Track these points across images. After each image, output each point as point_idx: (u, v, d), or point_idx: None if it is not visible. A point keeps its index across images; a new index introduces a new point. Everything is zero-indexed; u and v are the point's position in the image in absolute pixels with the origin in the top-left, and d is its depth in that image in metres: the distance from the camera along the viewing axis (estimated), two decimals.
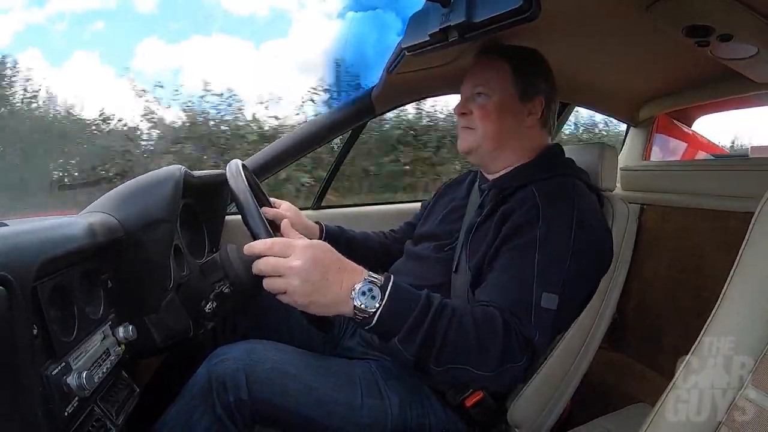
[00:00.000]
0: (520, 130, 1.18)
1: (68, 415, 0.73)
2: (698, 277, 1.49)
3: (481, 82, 1.17)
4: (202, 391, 0.99)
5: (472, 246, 1.11)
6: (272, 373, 1.02)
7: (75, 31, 5.16)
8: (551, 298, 0.96)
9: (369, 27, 1.14)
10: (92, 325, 0.86)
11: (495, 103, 1.15)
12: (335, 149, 2.14)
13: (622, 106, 1.87)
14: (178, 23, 6.00)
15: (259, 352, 1.05)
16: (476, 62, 1.22)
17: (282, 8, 6.57)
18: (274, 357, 1.05)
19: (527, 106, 1.17)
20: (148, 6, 6.67)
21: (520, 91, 1.16)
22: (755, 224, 0.68)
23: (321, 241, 0.88)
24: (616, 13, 1.07)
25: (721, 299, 0.69)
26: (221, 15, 6.01)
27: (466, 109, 1.18)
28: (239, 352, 1.03)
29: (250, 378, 0.99)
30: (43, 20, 5.38)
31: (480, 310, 0.93)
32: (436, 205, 1.40)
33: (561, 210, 1.02)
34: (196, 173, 1.22)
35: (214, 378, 0.99)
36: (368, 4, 1.30)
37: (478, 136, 1.17)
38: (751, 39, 1.02)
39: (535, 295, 0.95)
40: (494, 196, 1.14)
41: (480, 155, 1.20)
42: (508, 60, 1.17)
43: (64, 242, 0.78)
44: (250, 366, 1.01)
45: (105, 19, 5.43)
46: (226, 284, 1.08)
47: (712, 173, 1.54)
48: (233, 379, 0.98)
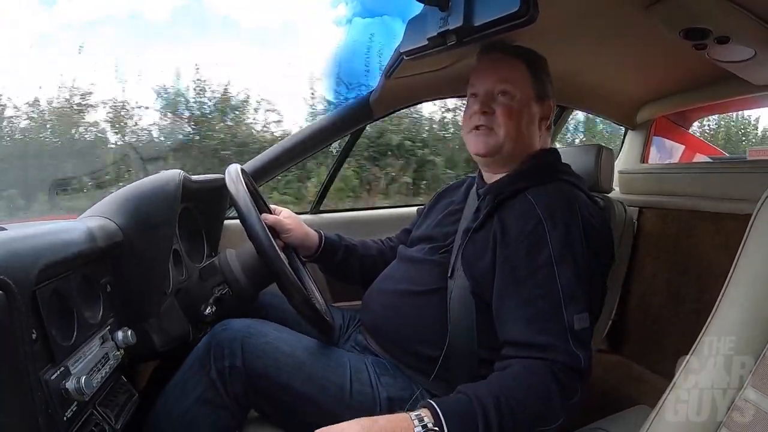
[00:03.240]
0: (533, 132, 1.15)
1: (67, 419, 0.73)
2: (697, 279, 1.49)
3: (504, 78, 1.12)
4: (201, 355, 1.03)
5: (467, 251, 1.09)
6: (267, 347, 1.04)
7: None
8: (583, 318, 0.94)
9: (376, 33, 1.15)
10: (91, 330, 0.86)
11: (519, 102, 1.11)
12: (334, 153, 2.15)
13: (619, 109, 1.88)
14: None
15: (258, 327, 1.08)
16: (491, 58, 1.17)
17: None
18: (271, 333, 1.08)
19: (543, 108, 1.15)
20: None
21: (537, 92, 1.13)
22: (753, 226, 0.68)
23: (355, 420, 0.83)
24: (614, 16, 1.07)
25: (720, 301, 0.69)
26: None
27: (489, 108, 1.12)
28: (240, 325, 1.07)
29: (246, 347, 1.02)
30: (52, 28, 5.42)
31: (521, 369, 0.91)
32: (432, 208, 1.39)
33: (566, 222, 1.00)
34: (195, 178, 1.22)
35: (213, 343, 1.03)
36: (375, 11, 1.31)
37: (500, 137, 1.12)
38: (748, 42, 1.03)
39: (568, 321, 0.92)
40: (490, 201, 1.11)
41: (500, 157, 1.15)
42: (523, 59, 1.14)
43: (63, 247, 0.78)
44: (248, 337, 1.04)
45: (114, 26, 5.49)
46: (225, 288, 1.08)
47: (710, 176, 1.55)
48: (230, 346, 1.02)
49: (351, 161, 3.99)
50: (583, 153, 1.29)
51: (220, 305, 1.08)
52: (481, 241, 1.08)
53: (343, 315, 1.39)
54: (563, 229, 0.98)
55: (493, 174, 1.20)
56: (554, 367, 0.89)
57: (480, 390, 0.86)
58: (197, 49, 5.38)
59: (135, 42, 5.70)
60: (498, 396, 0.84)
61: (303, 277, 1.28)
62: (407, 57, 1.13)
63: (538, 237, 0.98)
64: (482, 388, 0.87)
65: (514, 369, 0.91)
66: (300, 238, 1.33)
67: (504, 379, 0.90)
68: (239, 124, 4.47)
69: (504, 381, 0.89)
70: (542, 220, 1.00)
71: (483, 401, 0.83)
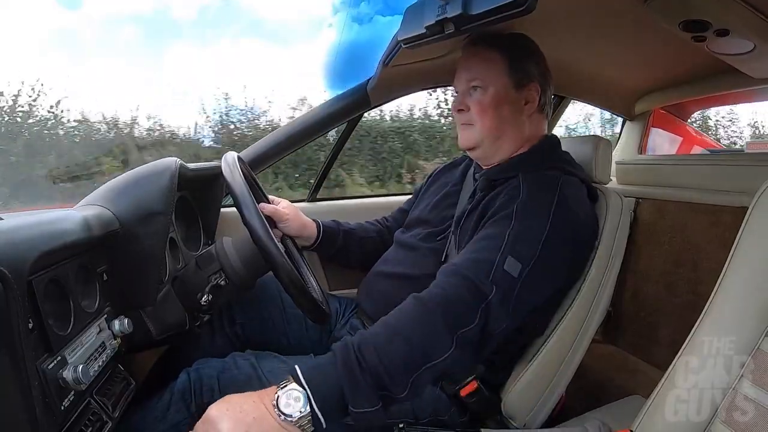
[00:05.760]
0: (518, 120, 1.16)
1: (65, 408, 0.73)
2: (693, 271, 1.50)
3: (475, 75, 1.15)
4: (182, 390, 1.03)
5: (460, 234, 1.12)
6: (242, 377, 1.04)
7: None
8: (514, 265, 0.92)
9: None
10: (88, 319, 0.85)
11: (491, 95, 1.13)
12: (331, 141, 2.14)
13: (618, 99, 1.88)
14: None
15: (238, 361, 1.08)
16: (466, 55, 1.19)
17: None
18: (250, 364, 1.08)
19: (523, 94, 1.15)
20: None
21: (515, 80, 1.14)
22: (749, 219, 0.68)
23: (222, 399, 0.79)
24: (614, 6, 1.07)
25: (714, 293, 0.70)
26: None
27: (464, 106, 1.16)
28: (217, 363, 1.07)
29: (222, 382, 1.03)
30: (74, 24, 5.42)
31: (411, 299, 0.90)
32: (428, 189, 1.40)
33: (541, 192, 1.01)
34: (191, 165, 1.22)
35: (193, 380, 1.03)
36: (397, 8, 1.29)
37: (477, 131, 1.15)
38: (747, 35, 1.02)
39: (500, 257, 0.93)
40: (483, 186, 1.14)
41: (482, 150, 1.18)
42: (499, 49, 1.14)
43: (59, 236, 0.78)
44: (222, 372, 1.05)
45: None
46: (221, 277, 1.08)
47: (708, 168, 1.55)
48: (209, 383, 1.03)
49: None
50: (580, 144, 1.29)
51: (216, 293, 1.08)
52: (470, 223, 1.10)
53: (339, 302, 1.41)
54: (534, 195, 1.01)
55: (486, 162, 1.22)
56: (450, 289, 0.88)
57: (347, 339, 0.85)
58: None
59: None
60: (366, 339, 0.83)
61: (300, 265, 1.28)
62: (405, 45, 1.12)
63: (511, 197, 1.02)
64: (357, 335, 0.85)
65: (406, 302, 0.90)
66: (297, 228, 1.34)
67: (388, 316, 0.89)
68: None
69: (386, 319, 0.88)
70: (520, 187, 1.03)
71: (347, 351, 0.82)
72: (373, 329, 0.86)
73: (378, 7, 1.39)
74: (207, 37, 5.68)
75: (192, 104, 4.77)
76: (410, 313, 0.88)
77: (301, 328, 1.32)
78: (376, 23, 1.41)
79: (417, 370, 0.83)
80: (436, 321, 0.85)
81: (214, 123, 4.84)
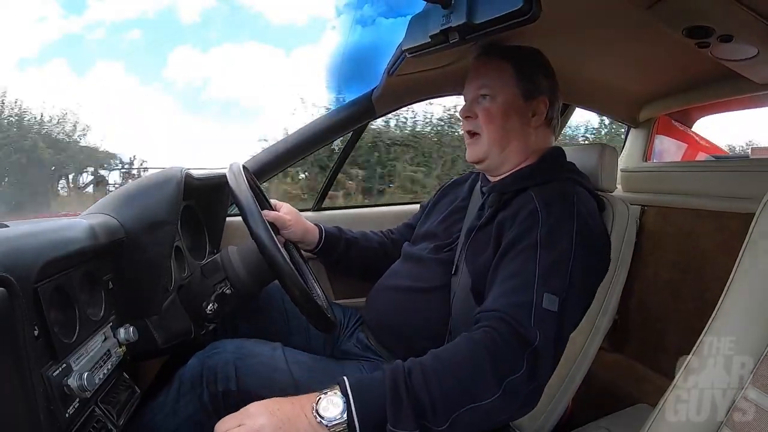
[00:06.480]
0: (525, 131, 1.16)
1: (69, 416, 0.73)
2: (699, 278, 1.49)
3: (485, 83, 1.15)
4: (192, 379, 1.03)
5: (471, 249, 1.11)
6: (261, 367, 1.05)
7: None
8: (552, 300, 0.91)
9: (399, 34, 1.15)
10: (93, 327, 0.86)
11: (499, 104, 1.13)
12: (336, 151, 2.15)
13: (622, 107, 1.87)
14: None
15: (251, 348, 1.09)
16: (477, 64, 1.20)
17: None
18: (265, 352, 1.09)
19: (531, 106, 1.15)
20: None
21: (524, 91, 1.14)
22: (756, 225, 0.68)
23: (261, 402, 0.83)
24: (617, 14, 1.07)
25: (722, 300, 0.69)
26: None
27: (471, 113, 1.17)
28: (232, 346, 1.07)
29: (240, 369, 1.03)
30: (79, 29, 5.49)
31: (462, 338, 0.89)
32: (436, 205, 1.40)
33: (561, 216, 1.00)
34: (197, 175, 1.22)
35: (205, 368, 1.03)
36: (400, 11, 1.30)
37: (484, 143, 1.15)
38: (751, 40, 1.02)
39: (536, 297, 0.90)
40: (494, 200, 1.13)
41: (490, 162, 1.17)
42: (510, 60, 1.15)
43: (65, 244, 0.78)
44: (240, 359, 1.04)
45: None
46: (227, 285, 1.08)
47: (713, 174, 1.54)
48: (224, 370, 1.02)
49: None
50: (586, 152, 1.29)
51: (221, 302, 1.08)
52: (483, 238, 1.09)
53: (344, 312, 1.40)
54: (555, 221, 0.99)
55: (493, 174, 1.21)
56: (497, 335, 0.86)
57: (399, 363, 0.85)
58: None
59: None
60: (415, 367, 0.83)
61: (304, 273, 1.28)
62: (409, 54, 1.13)
63: (531, 223, 1.00)
64: (408, 361, 0.85)
65: (457, 339, 0.89)
66: (300, 233, 1.34)
67: (439, 350, 0.88)
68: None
69: (437, 352, 0.87)
70: (538, 210, 1.01)
71: (396, 371, 0.82)
72: (425, 359, 0.86)
73: (381, 9, 1.40)
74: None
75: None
76: (462, 351, 0.86)
77: (303, 338, 1.31)
78: (379, 26, 1.42)
79: (460, 408, 0.81)
80: (484, 363, 0.84)
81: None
